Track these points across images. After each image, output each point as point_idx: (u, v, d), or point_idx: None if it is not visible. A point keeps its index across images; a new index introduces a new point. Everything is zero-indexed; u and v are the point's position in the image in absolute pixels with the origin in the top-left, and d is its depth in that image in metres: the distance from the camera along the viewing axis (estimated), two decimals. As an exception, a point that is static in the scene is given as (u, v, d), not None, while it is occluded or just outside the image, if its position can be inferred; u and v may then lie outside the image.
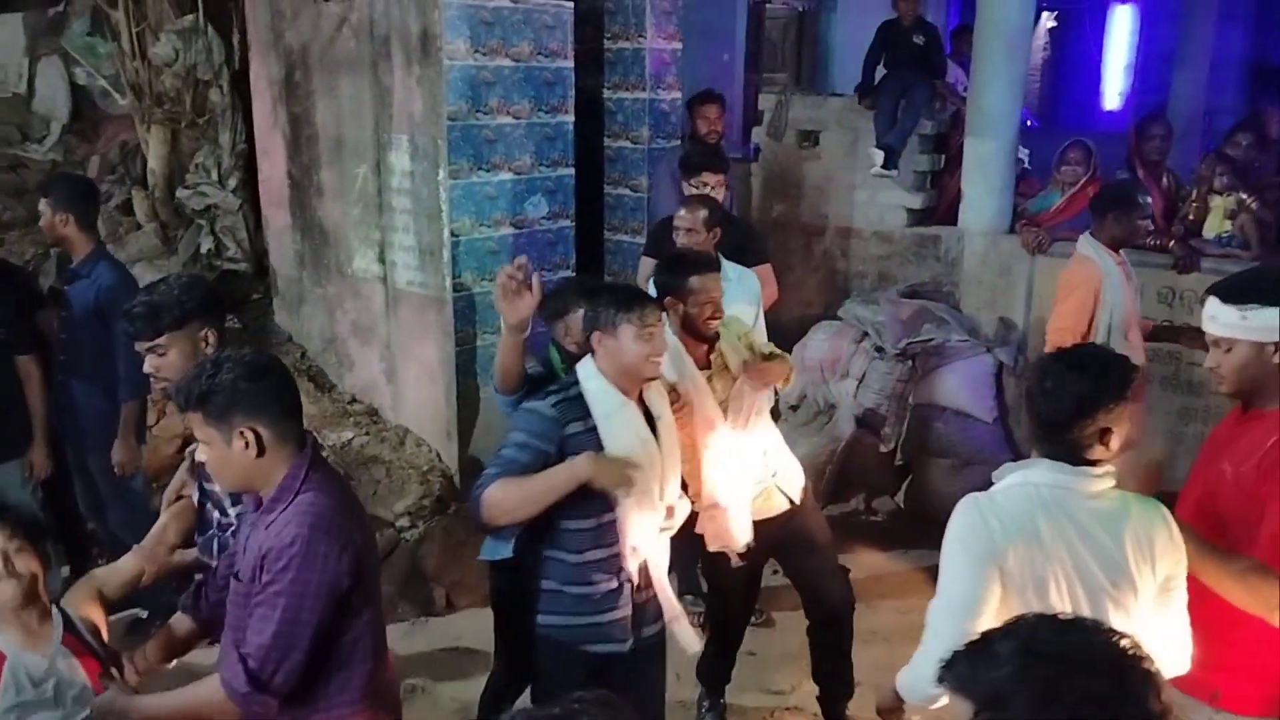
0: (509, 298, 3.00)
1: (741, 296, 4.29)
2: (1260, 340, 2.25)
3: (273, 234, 6.15)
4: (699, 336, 3.31)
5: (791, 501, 3.44)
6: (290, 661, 2.06)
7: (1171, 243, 4.97)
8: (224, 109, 5.96)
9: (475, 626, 4.44)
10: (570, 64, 5.46)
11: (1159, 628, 2.09)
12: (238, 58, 5.89)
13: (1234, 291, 2.30)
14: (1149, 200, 4.06)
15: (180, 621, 2.47)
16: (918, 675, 2.09)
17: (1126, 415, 2.09)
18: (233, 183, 6.00)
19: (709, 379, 3.31)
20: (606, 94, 6.28)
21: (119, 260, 4.45)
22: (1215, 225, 5.00)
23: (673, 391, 3.09)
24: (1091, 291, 3.96)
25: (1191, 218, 5.08)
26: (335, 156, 5.59)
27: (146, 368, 2.65)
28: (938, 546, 2.17)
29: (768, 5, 8.44)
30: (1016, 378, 5.34)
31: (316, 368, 5.97)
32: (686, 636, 2.89)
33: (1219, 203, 4.98)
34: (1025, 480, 2.12)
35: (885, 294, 5.79)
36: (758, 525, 3.31)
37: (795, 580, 3.58)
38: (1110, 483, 2.09)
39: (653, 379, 2.80)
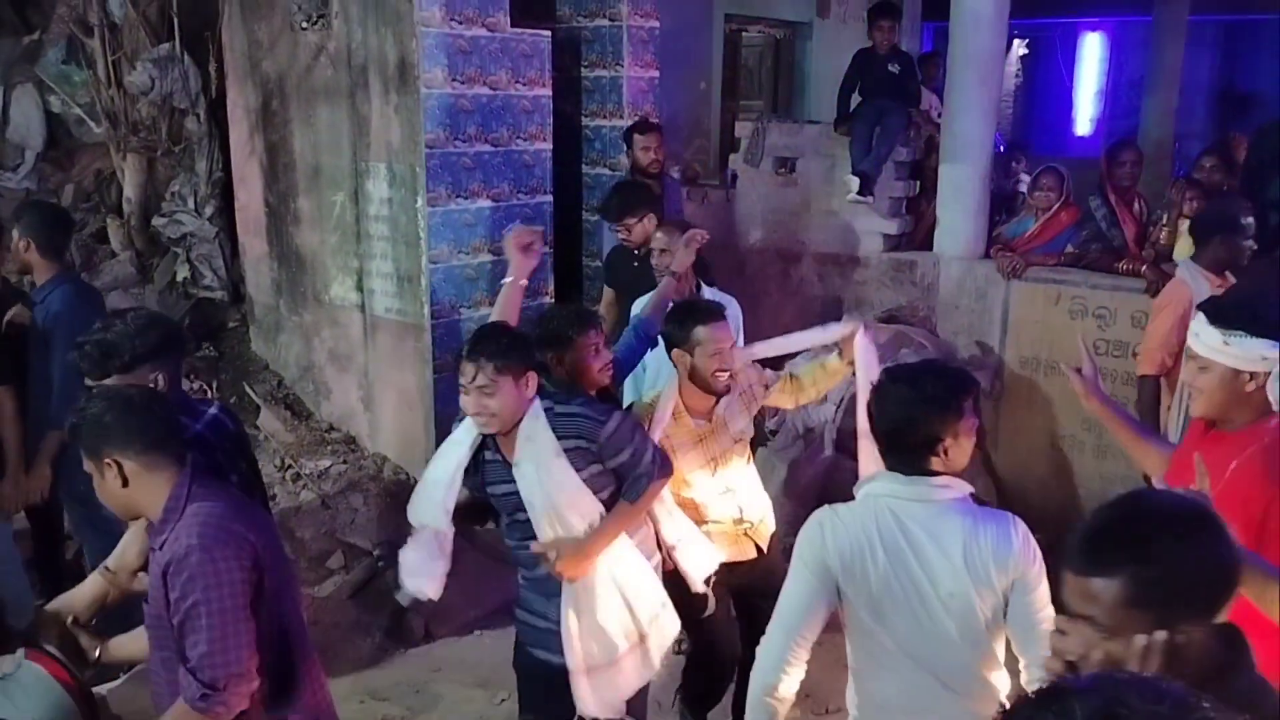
0: (525, 251, 3.20)
1: None
2: (1236, 367, 2.27)
3: (249, 262, 6.13)
4: (707, 389, 3.19)
5: (760, 550, 3.40)
6: (235, 655, 2.14)
7: (1144, 267, 5.02)
8: (200, 137, 5.95)
9: (454, 656, 4.41)
10: (548, 92, 5.49)
11: (1019, 638, 2.13)
12: (214, 86, 5.88)
13: (1221, 314, 2.32)
14: (1250, 221, 3.98)
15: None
16: (755, 677, 2.21)
17: (965, 428, 2.15)
18: (209, 211, 5.98)
19: (701, 438, 3.22)
20: (584, 121, 6.32)
21: (90, 287, 4.41)
22: (1186, 249, 5.04)
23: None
24: (1177, 314, 3.92)
25: (1163, 242, 5.14)
26: (313, 184, 5.59)
27: None
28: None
29: (744, 33, 8.51)
30: (993, 402, 5.37)
31: (294, 396, 5.94)
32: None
33: (1189, 227, 5.03)
34: (868, 492, 2.21)
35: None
36: (728, 566, 3.28)
37: (744, 620, 3.45)
38: (952, 493, 2.14)
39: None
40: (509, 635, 4.53)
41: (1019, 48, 12.92)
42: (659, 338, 3.33)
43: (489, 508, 2.97)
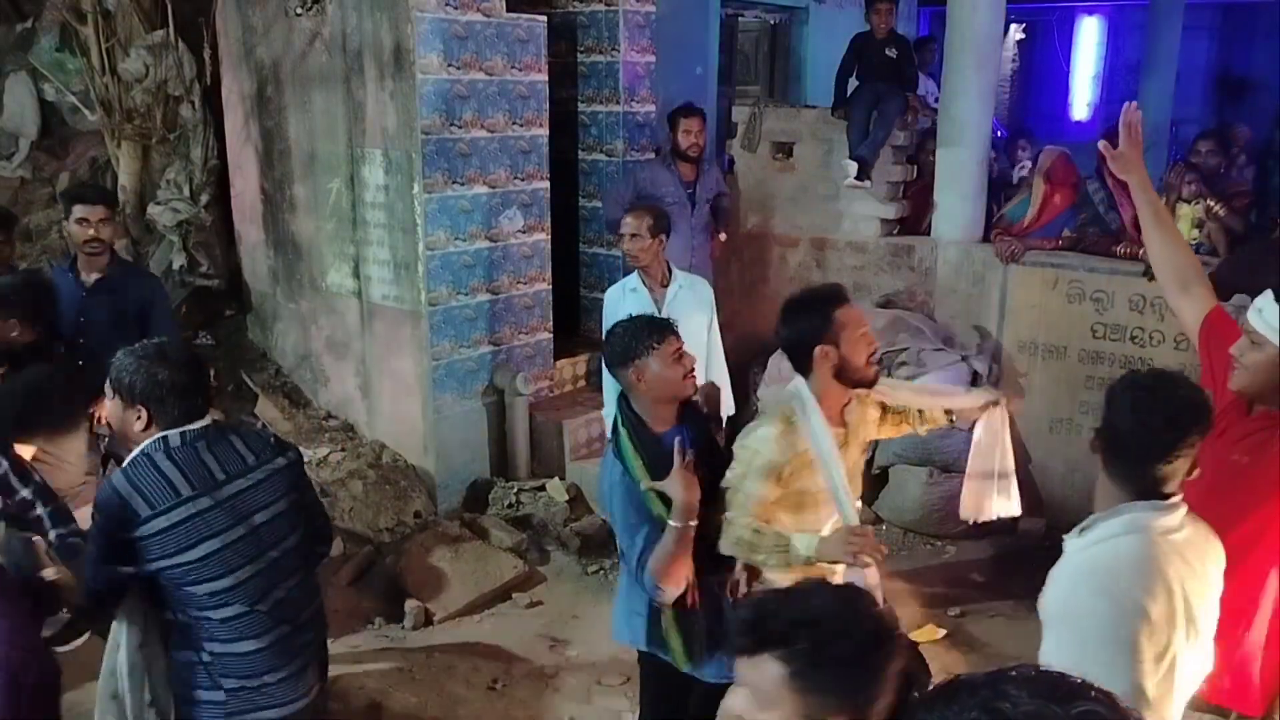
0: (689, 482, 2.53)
1: (694, 304, 4.30)
2: (1267, 337, 2.21)
3: (246, 250, 6.11)
4: (858, 381, 2.68)
5: None
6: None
7: (1141, 250, 5.02)
8: (195, 124, 5.92)
9: (453, 641, 4.42)
10: (544, 78, 5.47)
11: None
12: (209, 73, 5.85)
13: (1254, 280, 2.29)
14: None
15: None
16: None
17: None
18: (205, 198, 5.96)
19: (843, 444, 2.71)
20: (580, 107, 6.29)
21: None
22: (1184, 233, 5.05)
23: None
24: None
25: (1160, 225, 5.13)
26: (308, 171, 5.57)
27: None
28: (913, 554, 2.17)
29: (740, 19, 8.48)
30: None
31: (291, 384, 5.94)
32: None
33: (1187, 211, 5.04)
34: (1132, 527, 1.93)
35: (860, 304, 5.81)
36: None
37: None
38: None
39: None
40: (508, 619, 4.58)
41: (1016, 32, 12.88)
42: (791, 343, 2.76)
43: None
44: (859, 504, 2.77)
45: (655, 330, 2.70)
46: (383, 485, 5.20)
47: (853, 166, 5.82)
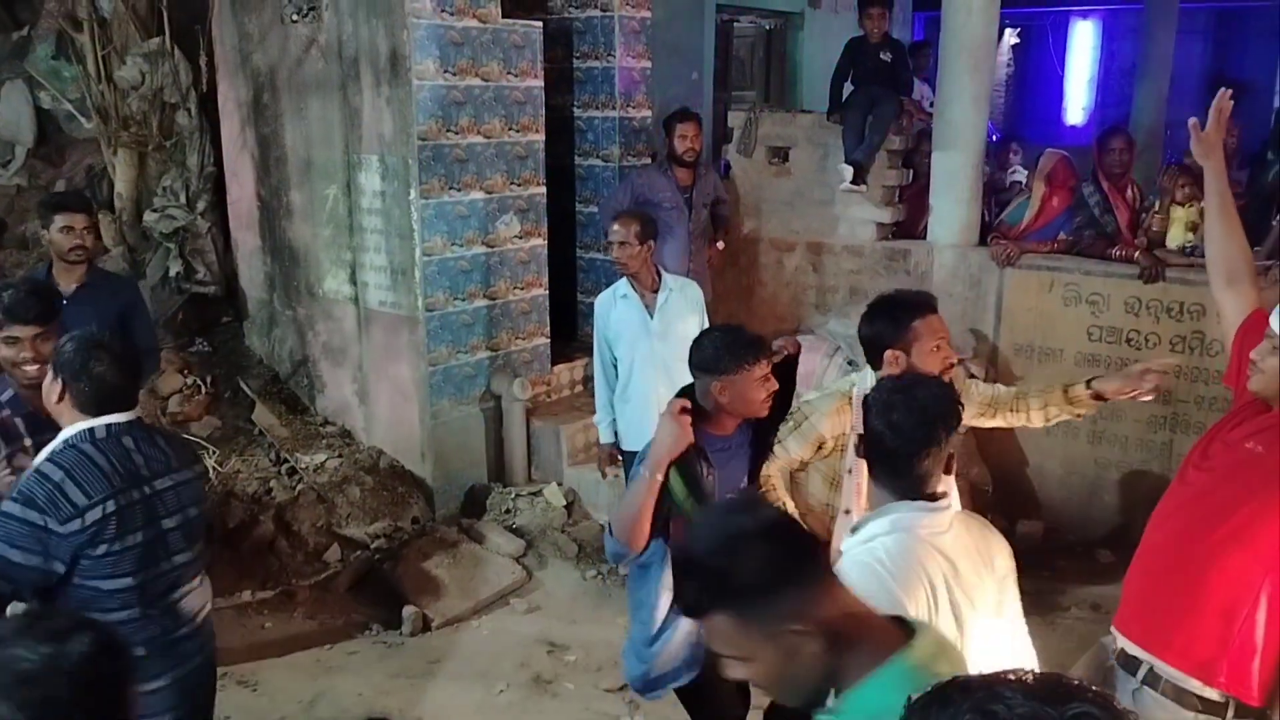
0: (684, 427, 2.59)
1: (686, 308, 4.31)
2: None
3: (242, 256, 6.12)
4: None
5: None
6: None
7: (1136, 253, 5.04)
8: (191, 131, 5.93)
9: (452, 648, 4.42)
10: (540, 83, 5.48)
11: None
12: (205, 80, 5.86)
13: None
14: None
15: None
16: None
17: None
18: (201, 205, 5.96)
19: None
20: (577, 112, 6.31)
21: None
22: (1178, 236, 5.07)
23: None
24: None
25: (1155, 229, 5.15)
26: (305, 178, 5.58)
27: None
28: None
29: (736, 24, 8.50)
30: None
31: (288, 390, 5.93)
32: None
33: (1181, 214, 5.05)
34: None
35: (857, 308, 5.82)
36: None
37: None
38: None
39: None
40: (506, 625, 4.58)
41: (1011, 36, 12.91)
42: (866, 340, 2.84)
43: None
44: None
45: (752, 349, 2.66)
46: (380, 491, 5.19)
47: (848, 171, 5.83)
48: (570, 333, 6.38)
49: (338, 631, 4.52)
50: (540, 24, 5.52)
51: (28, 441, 2.81)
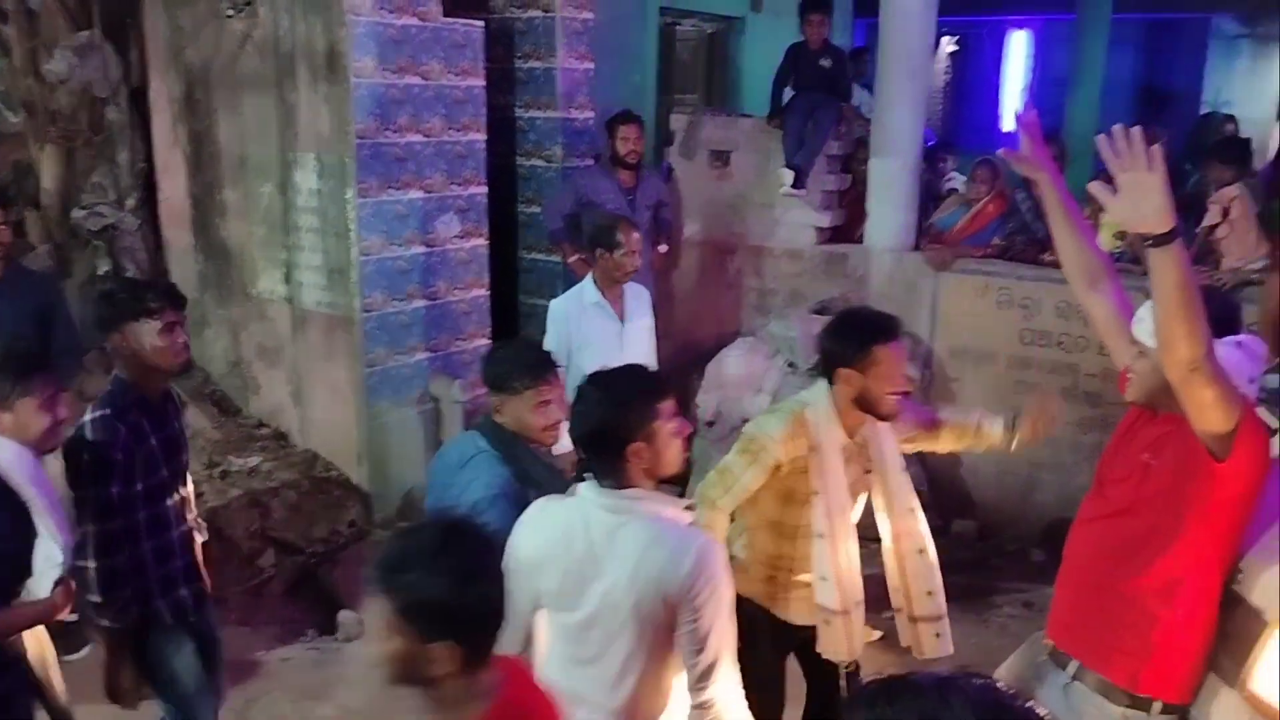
0: None
1: (643, 310, 4.31)
2: None
3: (174, 255, 5.99)
4: (875, 414, 2.75)
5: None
6: None
7: (1067, 258, 5.14)
8: (122, 127, 5.78)
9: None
10: (481, 83, 5.45)
11: (683, 659, 2.13)
12: (136, 74, 5.72)
13: None
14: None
15: None
16: None
17: (660, 431, 2.11)
18: (131, 202, 5.82)
19: (848, 458, 2.82)
20: (519, 112, 6.28)
21: None
22: (1107, 242, 5.18)
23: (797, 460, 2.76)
24: None
25: (1086, 234, 5.26)
26: (239, 175, 5.48)
27: None
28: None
29: (678, 27, 8.52)
30: (923, 391, 5.46)
31: (221, 392, 5.82)
32: None
33: (1110, 220, 5.16)
34: (575, 494, 2.19)
35: (796, 311, 5.87)
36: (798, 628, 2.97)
37: (810, 679, 3.17)
38: (642, 505, 2.12)
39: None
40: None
41: (948, 44, 13.11)
42: (821, 349, 2.84)
43: None
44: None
45: (534, 371, 2.61)
46: (316, 495, 5.12)
47: (789, 175, 5.88)
48: (512, 334, 6.35)
49: (271, 638, 4.44)
50: (482, 23, 5.49)
51: None
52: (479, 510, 2.46)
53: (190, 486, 3.23)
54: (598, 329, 4.08)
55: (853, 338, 2.73)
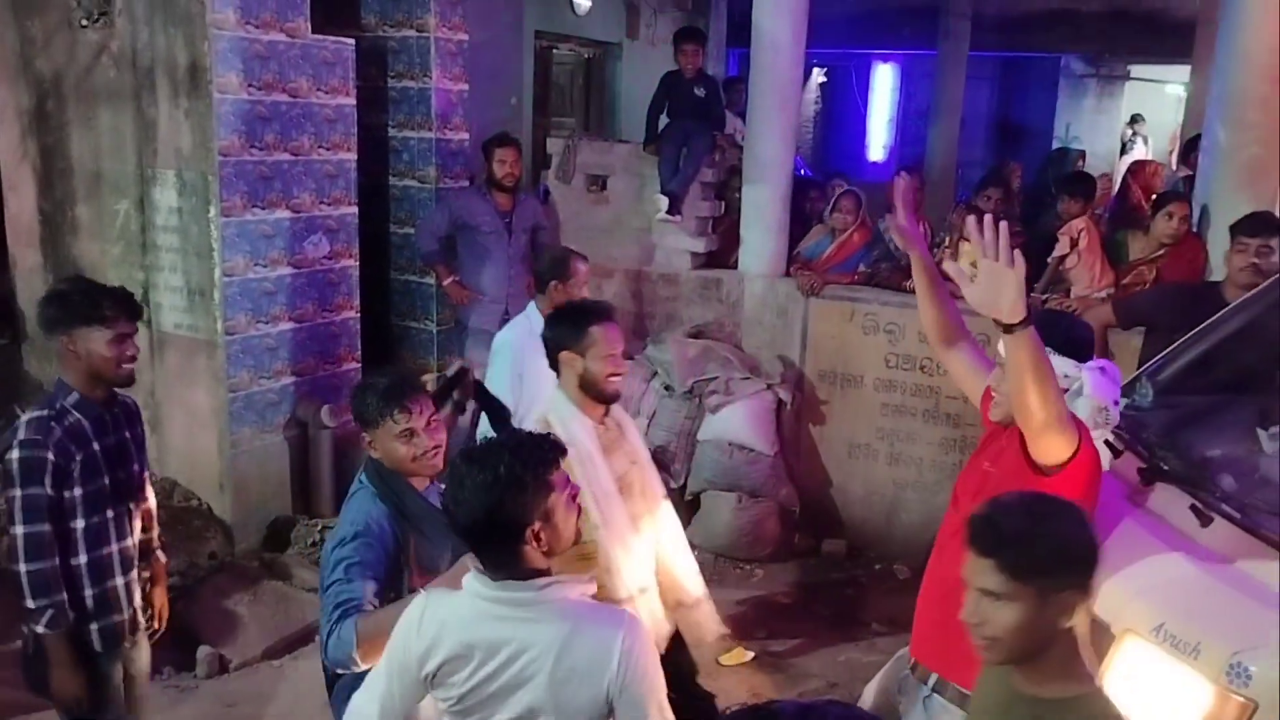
0: None
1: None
2: None
3: (21, 274, 5.67)
4: (599, 397, 2.89)
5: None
6: None
7: (929, 285, 5.34)
8: (-37, 138, 5.46)
9: (251, 690, 4.20)
10: (352, 101, 5.35)
11: None
12: (-20, 83, 5.42)
13: (1039, 329, 2.44)
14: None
15: None
16: None
17: (556, 504, 1.93)
18: (-26, 218, 5.50)
19: (609, 444, 2.92)
20: (392, 132, 6.19)
21: None
22: (967, 269, 5.40)
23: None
24: None
25: (944, 263, 5.48)
26: (93, 192, 5.23)
27: None
28: (723, 578, 2.20)
29: (555, 50, 8.56)
30: (794, 413, 5.58)
31: (72, 418, 5.52)
32: None
33: (968, 248, 5.37)
34: (467, 589, 1.96)
35: (672, 334, 5.93)
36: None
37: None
38: (551, 594, 1.94)
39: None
40: (311, 663, 4.38)
41: (818, 75, 13.53)
42: (544, 340, 2.94)
43: None
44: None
45: (390, 400, 2.50)
46: (174, 525, 4.88)
47: (664, 201, 5.95)
48: (384, 357, 6.22)
49: (157, 660, 4.21)
50: (353, 41, 5.39)
51: None
52: (339, 545, 2.39)
53: (151, 501, 3.09)
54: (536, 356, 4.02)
55: (570, 322, 2.90)
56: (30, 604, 2.65)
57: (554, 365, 2.93)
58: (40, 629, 2.67)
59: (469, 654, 1.90)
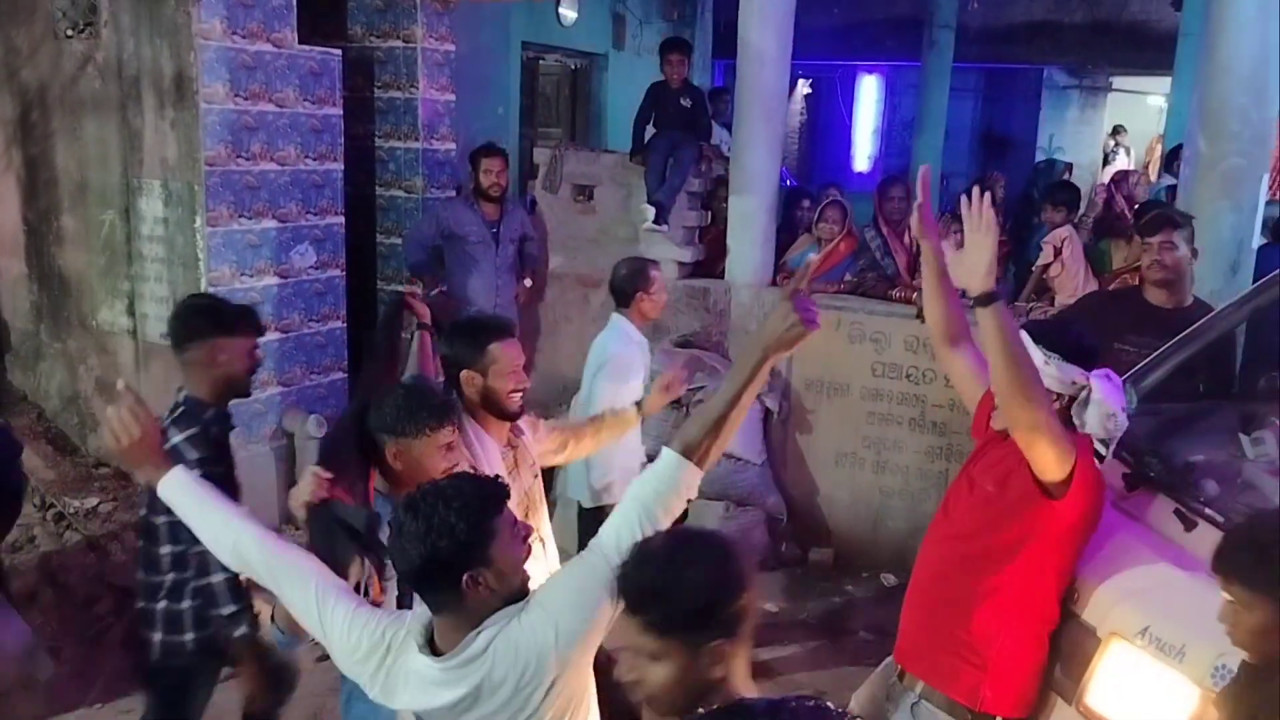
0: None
1: None
2: (1049, 387, 2.41)
3: (5, 285, 5.66)
4: (501, 414, 2.81)
5: None
6: None
7: (914, 294, 5.37)
8: (-53, 148, 5.45)
9: (236, 703, 4.17)
10: (338, 111, 5.36)
11: None
12: (-36, 93, 5.40)
13: (1044, 336, 2.48)
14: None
15: None
16: None
17: (501, 548, 1.87)
18: (-43, 228, 5.48)
19: (513, 465, 2.86)
20: (379, 142, 6.20)
21: None
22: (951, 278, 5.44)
23: None
24: None
25: (931, 271, 5.51)
26: (78, 202, 5.22)
27: None
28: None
29: (542, 61, 8.58)
30: (780, 422, 5.59)
31: (56, 429, 5.50)
32: None
33: (953, 258, 5.42)
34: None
35: (659, 344, 5.94)
36: None
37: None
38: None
39: None
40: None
41: (803, 87, 13.59)
42: (442, 358, 2.88)
43: None
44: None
45: (435, 412, 2.46)
46: (159, 537, 4.87)
47: (651, 211, 5.96)
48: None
49: (110, 688, 4.18)
50: (339, 52, 5.40)
51: None
52: None
53: None
54: (639, 366, 4.16)
55: (468, 339, 2.81)
56: (226, 610, 2.78)
57: (454, 384, 2.81)
58: (236, 633, 2.80)
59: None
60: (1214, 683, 2.24)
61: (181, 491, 2.21)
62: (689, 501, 2.09)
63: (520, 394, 2.82)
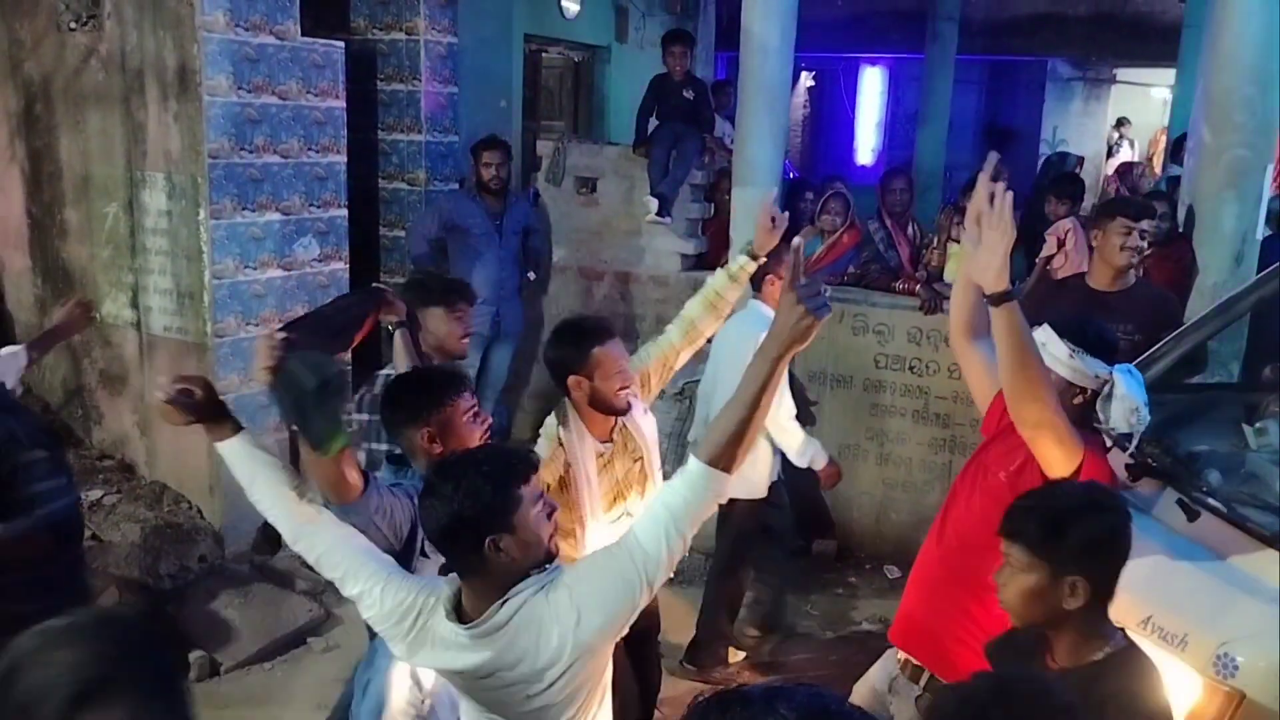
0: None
1: None
2: (1073, 380, 2.46)
3: (9, 277, 5.66)
4: (610, 411, 2.90)
5: None
6: None
7: (917, 286, 5.37)
8: (-49, 141, 5.45)
9: (243, 692, 4.19)
10: (341, 104, 5.35)
11: None
12: (-32, 86, 5.41)
13: (1070, 330, 2.50)
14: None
15: None
16: None
17: (522, 519, 1.95)
18: (-39, 221, 5.48)
19: (609, 459, 2.96)
20: (381, 135, 6.20)
21: None
22: (954, 270, 5.44)
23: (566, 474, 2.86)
24: None
25: (934, 263, 5.52)
26: (82, 195, 5.23)
27: None
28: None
29: (544, 54, 8.56)
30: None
31: (60, 422, 5.51)
32: None
33: (957, 250, 5.42)
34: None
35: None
36: None
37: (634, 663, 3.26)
38: None
39: None
40: (303, 665, 4.38)
41: (806, 79, 13.56)
42: (551, 365, 2.94)
43: None
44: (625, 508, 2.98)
45: (452, 383, 2.60)
46: (164, 529, 4.88)
47: (654, 203, 5.96)
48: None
49: (114, 681, 4.20)
50: (342, 44, 5.39)
51: None
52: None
53: None
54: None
55: (571, 345, 2.88)
56: None
57: (562, 388, 2.91)
58: None
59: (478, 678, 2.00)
60: (1216, 671, 2.25)
61: (236, 457, 2.30)
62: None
63: (627, 391, 2.88)
